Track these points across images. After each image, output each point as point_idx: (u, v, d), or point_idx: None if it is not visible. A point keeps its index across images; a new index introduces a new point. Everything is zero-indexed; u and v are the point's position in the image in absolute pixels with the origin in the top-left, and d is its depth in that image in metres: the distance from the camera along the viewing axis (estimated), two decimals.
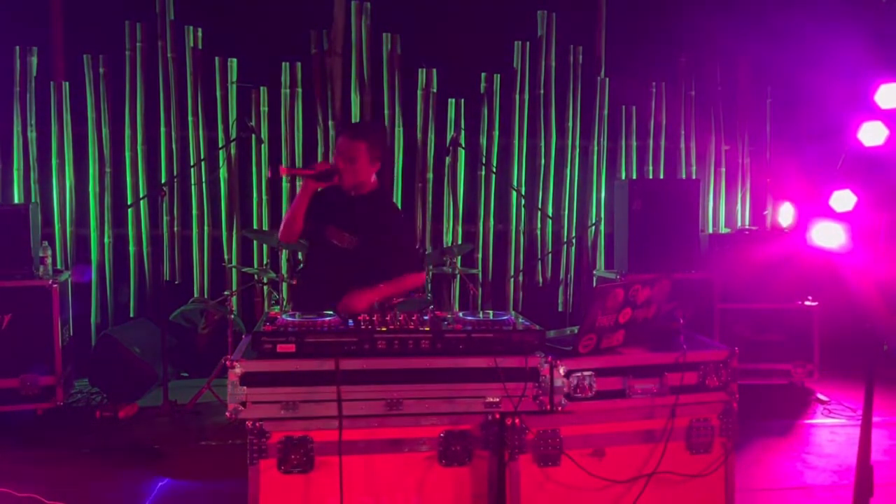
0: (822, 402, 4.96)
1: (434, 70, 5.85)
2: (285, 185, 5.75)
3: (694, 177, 6.27)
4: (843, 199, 5.72)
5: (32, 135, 5.42)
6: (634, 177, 6.20)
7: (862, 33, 5.43)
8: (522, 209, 6.06)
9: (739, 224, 6.35)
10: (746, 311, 5.15)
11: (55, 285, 4.46)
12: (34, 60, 5.39)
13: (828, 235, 5.61)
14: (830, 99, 5.86)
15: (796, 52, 5.70)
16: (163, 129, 5.61)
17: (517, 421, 2.49)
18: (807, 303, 5.18)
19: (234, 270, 5.68)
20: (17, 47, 5.34)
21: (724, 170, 6.37)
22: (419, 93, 5.86)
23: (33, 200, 5.37)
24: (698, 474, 2.63)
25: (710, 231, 6.22)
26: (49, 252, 4.74)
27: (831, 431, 4.42)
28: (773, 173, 6.25)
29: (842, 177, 5.83)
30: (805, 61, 5.70)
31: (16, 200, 5.37)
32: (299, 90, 5.71)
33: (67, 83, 5.47)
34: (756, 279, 5.16)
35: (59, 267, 5.33)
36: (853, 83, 5.79)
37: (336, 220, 3.28)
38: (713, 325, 5.08)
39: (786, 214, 5.96)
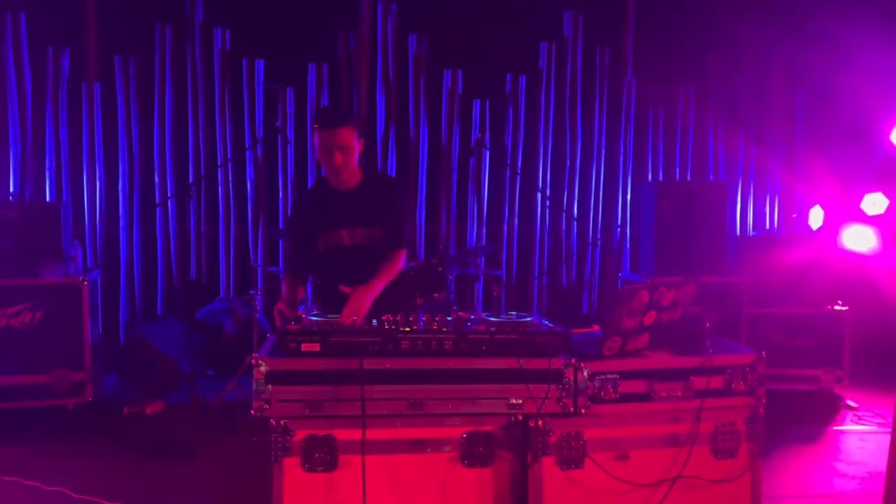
0: (852, 409, 4.87)
1: (460, 71, 5.86)
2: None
3: (722, 179, 6.20)
4: (874, 202, 5.63)
5: (64, 134, 5.51)
6: (661, 179, 6.15)
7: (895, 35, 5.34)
8: (547, 210, 6.04)
9: (768, 227, 6.26)
10: (775, 316, 5.08)
11: (85, 283, 4.52)
12: (66, 62, 5.49)
13: (859, 239, 5.53)
14: (862, 101, 5.77)
15: (828, 53, 5.61)
16: (191, 130, 5.68)
17: (540, 423, 2.48)
18: (837, 307, 5.09)
19: (259, 270, 5.73)
20: (51, 48, 5.43)
21: (752, 172, 6.29)
22: (444, 94, 5.88)
23: (65, 199, 5.47)
24: (724, 480, 2.60)
25: (738, 234, 6.14)
26: (79, 250, 4.81)
27: (860, 438, 4.34)
28: (803, 176, 6.16)
29: (874, 179, 5.73)
30: (837, 63, 5.61)
31: (48, 199, 5.46)
32: (325, 91, 5.75)
33: (98, 84, 5.56)
34: (785, 283, 5.08)
35: (89, 265, 5.42)
36: (886, 85, 5.69)
37: (343, 222, 3.06)
38: (741, 330, 5.01)
39: (815, 217, 5.88)
